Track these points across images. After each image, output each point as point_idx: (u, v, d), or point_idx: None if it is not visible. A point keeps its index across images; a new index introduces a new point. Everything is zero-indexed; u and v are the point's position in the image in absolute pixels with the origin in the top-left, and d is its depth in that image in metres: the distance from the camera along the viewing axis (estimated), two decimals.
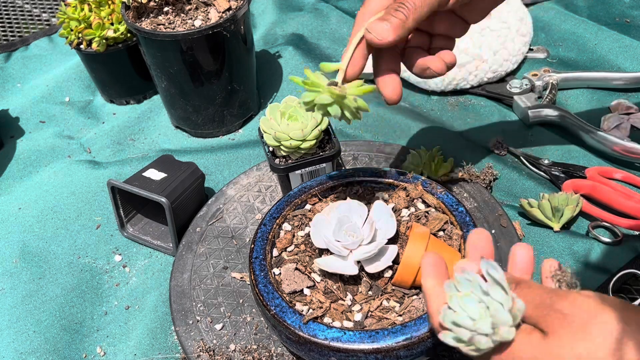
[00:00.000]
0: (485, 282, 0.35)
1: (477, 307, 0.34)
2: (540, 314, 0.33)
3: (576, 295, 0.33)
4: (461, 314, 0.35)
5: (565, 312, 0.32)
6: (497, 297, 0.34)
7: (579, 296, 0.33)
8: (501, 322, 0.33)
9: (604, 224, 0.63)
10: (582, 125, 0.73)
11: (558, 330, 0.32)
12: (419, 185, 0.57)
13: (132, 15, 0.77)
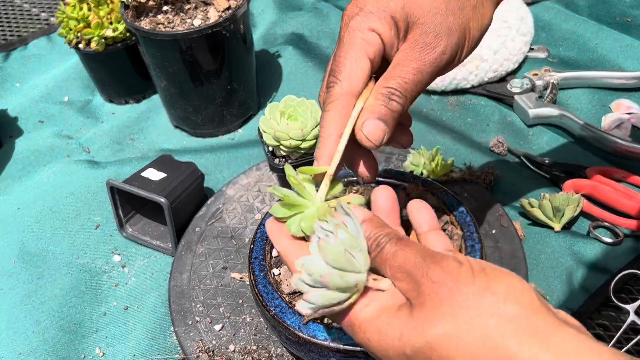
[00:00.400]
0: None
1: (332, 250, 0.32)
2: (412, 281, 0.31)
3: (451, 261, 0.30)
4: (315, 257, 0.33)
5: (435, 280, 0.30)
6: (344, 237, 0.32)
7: (453, 262, 0.30)
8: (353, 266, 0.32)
9: (605, 224, 0.63)
10: (582, 124, 0.73)
11: (426, 303, 0.30)
12: (420, 185, 0.57)
13: (131, 14, 0.76)
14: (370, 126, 0.37)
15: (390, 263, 0.32)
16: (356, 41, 0.38)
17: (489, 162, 0.72)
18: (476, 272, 0.30)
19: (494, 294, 0.28)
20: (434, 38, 0.37)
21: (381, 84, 0.37)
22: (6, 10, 1.15)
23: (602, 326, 0.56)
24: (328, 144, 0.37)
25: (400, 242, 0.33)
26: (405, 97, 0.37)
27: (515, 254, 0.60)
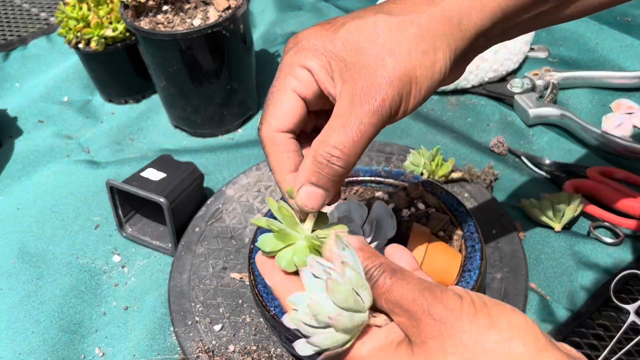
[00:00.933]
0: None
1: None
2: (412, 317, 0.29)
3: (451, 296, 0.29)
4: (313, 293, 0.32)
5: (437, 318, 0.28)
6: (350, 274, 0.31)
7: (454, 297, 0.29)
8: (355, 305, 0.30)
9: (605, 224, 0.63)
10: (583, 124, 0.73)
11: (427, 342, 0.28)
12: (420, 185, 0.57)
13: (131, 14, 0.76)
14: (302, 194, 0.34)
15: (386, 297, 0.30)
16: (286, 79, 0.35)
17: (489, 162, 0.72)
18: (478, 307, 0.28)
19: (498, 332, 0.27)
20: (372, 85, 0.33)
21: (319, 144, 0.34)
22: (6, 10, 1.15)
23: (602, 326, 0.56)
24: (287, 184, 0.36)
25: (395, 275, 0.31)
26: (348, 156, 0.33)
27: (516, 254, 0.60)
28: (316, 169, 0.34)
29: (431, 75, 0.34)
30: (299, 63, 0.35)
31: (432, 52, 0.33)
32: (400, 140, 0.77)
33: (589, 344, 0.55)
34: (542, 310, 0.57)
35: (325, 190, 0.34)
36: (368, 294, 0.32)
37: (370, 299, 0.32)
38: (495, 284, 0.58)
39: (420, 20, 0.33)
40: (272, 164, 0.36)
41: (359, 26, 0.34)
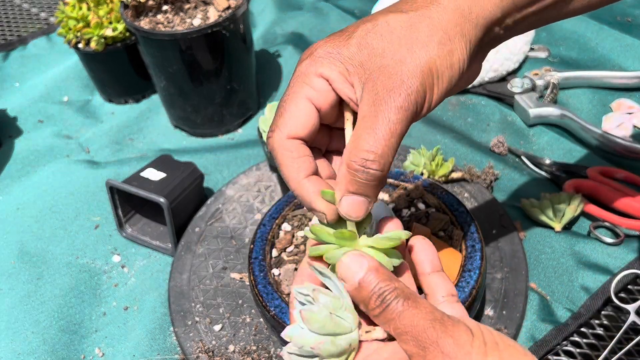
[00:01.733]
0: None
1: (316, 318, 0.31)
2: (420, 346, 0.29)
3: (463, 331, 0.28)
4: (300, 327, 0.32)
5: (445, 352, 0.28)
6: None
7: (465, 333, 0.28)
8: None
9: (606, 224, 0.63)
10: (583, 124, 0.73)
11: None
12: (420, 185, 0.57)
13: (131, 14, 0.76)
14: (346, 204, 0.33)
15: (396, 324, 0.30)
16: (302, 88, 0.34)
17: (489, 161, 0.72)
18: (489, 347, 0.28)
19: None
20: (394, 82, 0.32)
21: (351, 151, 0.32)
22: (5, 10, 1.15)
23: (602, 326, 0.56)
24: (306, 189, 0.34)
25: (408, 302, 0.30)
26: (382, 158, 0.32)
27: (516, 254, 0.60)
28: (352, 177, 0.32)
29: (450, 65, 0.33)
30: (315, 72, 0.34)
31: (448, 42, 0.33)
32: None
33: (590, 344, 0.55)
34: (542, 310, 0.57)
35: (366, 197, 0.33)
36: (351, 313, 0.32)
37: (356, 317, 0.32)
38: (496, 284, 0.58)
39: (431, 14, 0.33)
40: (285, 170, 0.35)
41: (371, 28, 0.33)
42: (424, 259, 0.35)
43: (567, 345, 0.55)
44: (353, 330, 0.31)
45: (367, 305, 0.31)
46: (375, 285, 0.31)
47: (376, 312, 0.31)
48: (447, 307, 0.34)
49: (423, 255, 0.35)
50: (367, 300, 0.31)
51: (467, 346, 0.28)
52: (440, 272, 0.35)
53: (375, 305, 0.31)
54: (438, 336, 0.28)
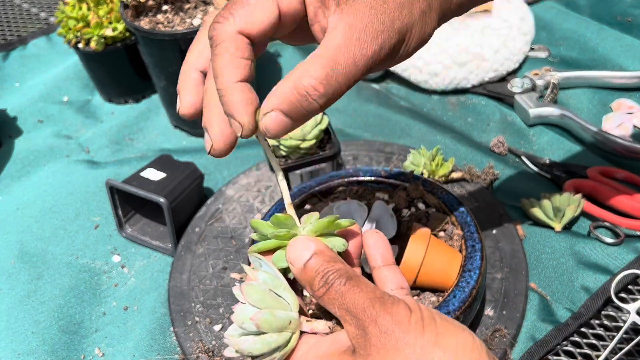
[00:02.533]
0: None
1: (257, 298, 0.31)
2: (360, 327, 0.29)
3: (401, 308, 0.28)
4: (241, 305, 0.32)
5: (383, 330, 0.28)
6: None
7: (403, 310, 0.28)
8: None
9: (606, 224, 0.63)
10: (583, 124, 0.73)
11: (372, 354, 0.28)
12: (420, 185, 0.57)
13: (131, 14, 0.76)
14: (270, 119, 0.31)
15: (339, 303, 0.30)
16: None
17: (489, 161, 0.72)
18: (426, 323, 0.28)
19: (443, 350, 0.27)
20: (372, 28, 0.30)
21: (302, 72, 0.30)
22: (5, 10, 1.15)
23: (602, 326, 0.56)
24: (234, 94, 0.31)
25: (350, 282, 0.30)
26: (330, 96, 0.31)
27: (516, 254, 0.60)
28: (293, 98, 0.30)
29: (421, 36, 0.33)
30: None
31: (428, 13, 0.33)
32: (400, 140, 0.77)
33: (590, 344, 0.55)
34: (542, 310, 0.57)
35: (293, 121, 0.31)
36: (291, 294, 0.32)
37: (296, 300, 0.32)
38: (496, 284, 0.58)
39: None
40: (219, 65, 0.31)
41: None
42: (375, 253, 0.36)
43: (567, 345, 0.55)
44: (293, 310, 0.32)
45: (312, 287, 0.31)
46: (319, 266, 0.31)
47: (321, 293, 0.31)
48: None
49: (374, 249, 0.36)
50: (311, 281, 0.31)
51: (405, 322, 0.28)
52: (391, 266, 0.35)
53: (319, 285, 0.31)
54: (377, 314, 0.28)
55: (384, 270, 0.35)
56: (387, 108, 0.83)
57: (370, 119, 0.81)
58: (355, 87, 0.88)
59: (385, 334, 0.28)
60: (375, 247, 0.36)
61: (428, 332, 0.28)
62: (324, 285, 0.31)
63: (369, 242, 0.36)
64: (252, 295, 0.31)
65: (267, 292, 0.31)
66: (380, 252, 0.36)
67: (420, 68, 0.82)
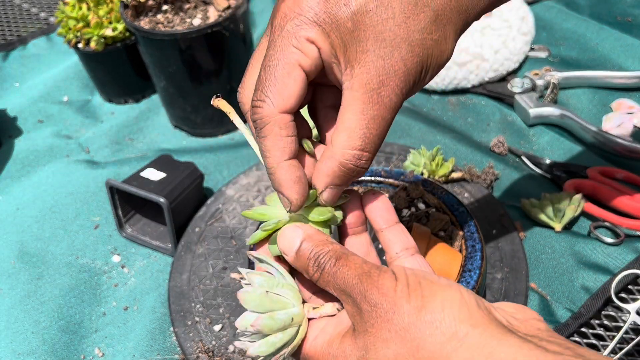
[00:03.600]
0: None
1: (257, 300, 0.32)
2: (355, 304, 0.29)
3: (387, 278, 0.29)
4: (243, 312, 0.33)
5: (372, 304, 0.28)
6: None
7: (389, 280, 0.29)
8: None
9: (606, 224, 0.63)
10: (583, 124, 0.73)
11: (368, 329, 0.28)
12: (420, 185, 0.57)
13: (131, 14, 0.76)
14: (328, 195, 0.34)
15: (333, 284, 0.31)
16: (291, 53, 0.32)
17: (489, 161, 0.72)
18: (412, 289, 0.28)
19: (430, 312, 0.27)
20: (387, 76, 0.31)
21: (342, 148, 0.32)
22: (5, 10, 1.15)
23: (602, 326, 0.56)
24: (284, 172, 0.33)
25: (339, 261, 0.31)
26: (373, 155, 0.32)
27: (516, 254, 0.60)
28: (342, 174, 0.33)
29: (439, 63, 0.33)
30: (305, 36, 0.31)
31: (443, 41, 0.32)
32: (400, 140, 0.77)
33: (590, 344, 0.55)
34: (542, 310, 0.57)
35: (344, 187, 0.34)
36: (291, 289, 0.32)
37: (297, 294, 0.32)
38: (496, 284, 0.58)
39: (434, 5, 0.32)
40: (269, 146, 0.33)
41: (372, 5, 0.31)
42: (377, 216, 0.36)
43: None
44: (295, 305, 0.32)
45: (308, 272, 0.32)
46: (311, 251, 0.32)
47: (316, 277, 0.31)
48: (405, 262, 0.34)
49: (376, 212, 0.36)
50: (306, 267, 0.32)
51: (391, 292, 0.28)
52: (394, 227, 0.35)
53: (314, 270, 0.31)
54: (365, 289, 0.29)
55: (387, 233, 0.35)
56: None
57: None
58: None
59: (375, 307, 0.28)
60: (375, 210, 0.36)
61: (414, 298, 0.28)
62: (317, 269, 0.31)
63: (368, 207, 0.36)
64: (249, 302, 0.31)
65: (264, 296, 0.32)
66: (380, 214, 0.35)
67: None
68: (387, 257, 0.35)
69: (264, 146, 0.33)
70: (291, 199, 0.33)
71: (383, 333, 0.28)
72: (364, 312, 0.29)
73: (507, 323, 0.28)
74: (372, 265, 0.30)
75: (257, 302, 0.31)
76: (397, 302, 0.28)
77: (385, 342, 0.28)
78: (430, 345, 0.27)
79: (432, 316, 0.27)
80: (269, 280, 0.32)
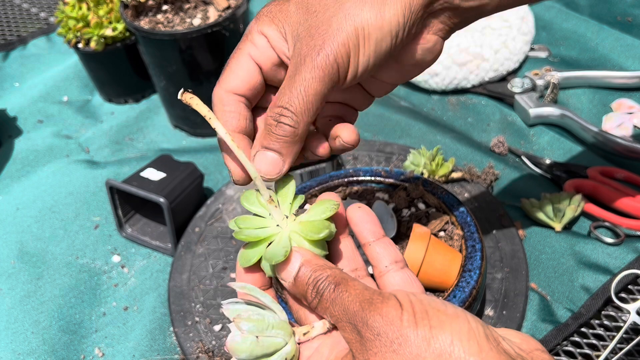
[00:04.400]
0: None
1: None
2: (355, 331, 0.28)
3: (391, 306, 0.28)
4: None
5: (376, 333, 0.27)
6: None
7: (394, 307, 0.28)
8: None
9: (606, 224, 0.63)
10: (583, 124, 0.72)
11: (371, 358, 0.27)
12: (420, 185, 0.57)
13: (131, 13, 0.76)
14: (258, 160, 0.34)
15: (331, 312, 0.30)
16: (244, 45, 0.35)
17: (489, 161, 0.72)
18: (418, 318, 0.27)
19: (439, 344, 0.26)
20: (317, 41, 0.32)
21: (269, 108, 0.33)
22: (5, 10, 1.15)
23: (603, 326, 0.56)
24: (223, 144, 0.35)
25: (339, 287, 0.30)
26: (297, 114, 0.32)
27: (516, 254, 0.60)
28: (267, 131, 0.33)
29: (380, 26, 0.32)
30: (257, 30, 0.35)
31: (379, 10, 0.32)
32: (400, 140, 0.77)
33: (590, 344, 0.55)
34: (542, 310, 0.57)
35: (279, 154, 0.33)
36: (281, 327, 0.32)
37: (288, 329, 0.32)
38: (496, 284, 0.58)
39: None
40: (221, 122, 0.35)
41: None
42: (363, 229, 0.35)
43: (567, 345, 0.55)
44: (287, 342, 0.31)
45: (307, 299, 0.31)
46: (309, 277, 0.31)
47: (314, 304, 0.31)
48: (394, 276, 0.33)
49: (362, 225, 0.35)
50: (304, 293, 0.31)
51: (397, 321, 0.27)
52: (382, 240, 0.35)
53: (312, 297, 0.31)
54: (367, 317, 0.28)
55: (376, 247, 0.34)
56: (387, 108, 0.83)
57: (370, 119, 0.81)
58: None
59: (379, 336, 0.27)
60: (361, 223, 0.35)
61: (421, 328, 0.27)
62: (316, 295, 0.31)
63: (354, 220, 0.35)
64: (240, 352, 0.31)
65: (255, 344, 0.31)
66: (367, 227, 0.35)
67: None
68: (375, 271, 0.34)
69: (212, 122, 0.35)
70: (230, 167, 0.35)
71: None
72: (366, 340, 0.28)
73: (515, 355, 0.27)
74: (374, 291, 0.29)
75: (249, 351, 0.31)
76: (404, 332, 0.27)
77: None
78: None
79: (440, 347, 0.26)
80: (258, 323, 0.31)
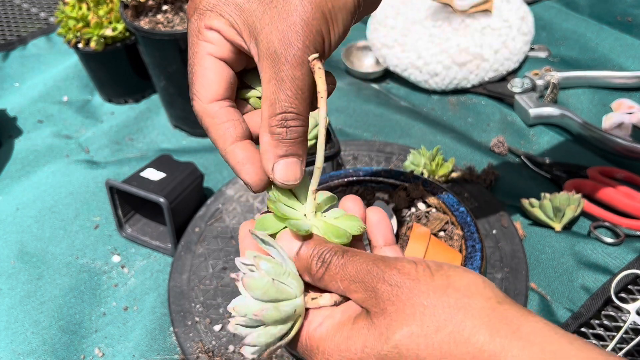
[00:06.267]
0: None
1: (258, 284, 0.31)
2: (368, 289, 0.29)
3: (405, 263, 0.29)
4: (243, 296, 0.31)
5: (392, 283, 0.28)
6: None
7: (408, 264, 0.29)
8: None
9: (606, 224, 0.63)
10: (583, 124, 0.73)
11: (386, 308, 0.28)
12: (420, 185, 0.57)
13: (131, 14, 0.76)
14: (280, 170, 0.33)
15: (341, 276, 0.30)
16: (199, 46, 0.33)
17: (489, 162, 0.72)
18: (434, 270, 0.29)
19: (456, 290, 0.28)
20: (288, 36, 0.30)
21: (267, 117, 0.32)
22: (5, 10, 1.15)
23: (603, 326, 0.56)
24: (232, 157, 0.34)
25: (347, 254, 0.31)
26: (301, 112, 0.32)
27: (516, 254, 0.60)
28: (278, 140, 0.32)
29: (344, 5, 0.32)
30: (204, 26, 0.33)
31: None
32: (400, 140, 0.77)
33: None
34: (542, 310, 0.57)
35: (297, 156, 0.33)
36: (295, 279, 0.32)
37: (301, 283, 0.32)
38: (496, 284, 0.58)
39: None
40: (212, 137, 0.34)
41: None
42: (377, 233, 0.35)
43: None
44: (298, 296, 0.32)
45: (310, 271, 0.31)
46: (313, 250, 0.31)
47: (320, 274, 0.31)
48: None
49: (376, 228, 0.35)
50: (309, 265, 0.31)
51: (413, 273, 0.28)
52: (393, 246, 0.35)
53: (317, 267, 0.31)
54: (383, 271, 0.29)
55: (386, 250, 0.35)
56: (387, 108, 0.83)
57: (370, 119, 0.81)
58: (355, 87, 0.88)
59: (397, 286, 0.28)
60: (378, 225, 0.35)
61: (438, 278, 0.28)
62: (322, 265, 0.31)
63: (372, 220, 0.35)
64: (254, 289, 0.30)
65: (270, 284, 0.31)
66: (383, 232, 0.35)
67: (420, 68, 0.82)
68: None
69: (210, 138, 0.34)
70: (246, 180, 0.34)
71: (406, 310, 0.28)
72: (383, 292, 0.28)
73: None
74: (383, 255, 0.30)
75: (263, 290, 0.30)
76: (421, 281, 0.28)
77: (409, 318, 0.27)
78: (458, 320, 0.27)
79: (459, 293, 0.27)
80: (276, 267, 0.31)
